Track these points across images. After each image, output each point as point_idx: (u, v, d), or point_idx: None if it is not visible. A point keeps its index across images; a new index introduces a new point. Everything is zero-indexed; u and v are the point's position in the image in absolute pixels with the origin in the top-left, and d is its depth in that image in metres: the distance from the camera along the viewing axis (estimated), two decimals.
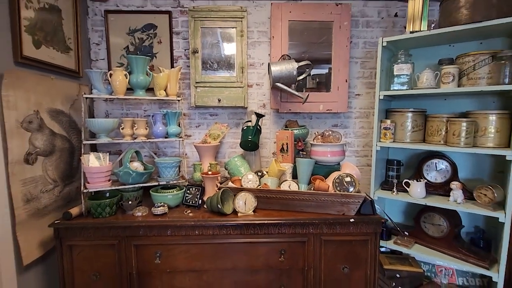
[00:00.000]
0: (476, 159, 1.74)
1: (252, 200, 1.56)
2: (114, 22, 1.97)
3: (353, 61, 2.05)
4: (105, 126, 1.61)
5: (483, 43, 1.63)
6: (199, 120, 2.10)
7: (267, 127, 2.10)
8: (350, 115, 2.11)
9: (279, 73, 1.75)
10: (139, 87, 1.70)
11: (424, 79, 1.61)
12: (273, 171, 1.68)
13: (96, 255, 1.49)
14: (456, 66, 1.53)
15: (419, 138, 1.73)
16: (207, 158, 1.89)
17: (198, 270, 1.52)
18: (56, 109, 1.65)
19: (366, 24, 2.04)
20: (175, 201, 1.65)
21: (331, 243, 1.53)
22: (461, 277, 1.77)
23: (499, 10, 1.35)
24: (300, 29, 1.94)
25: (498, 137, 1.46)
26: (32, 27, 1.47)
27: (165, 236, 1.49)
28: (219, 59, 1.97)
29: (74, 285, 1.49)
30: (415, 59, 1.75)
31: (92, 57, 2.02)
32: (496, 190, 1.45)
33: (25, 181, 1.42)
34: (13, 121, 1.35)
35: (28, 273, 1.45)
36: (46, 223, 1.52)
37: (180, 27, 2.00)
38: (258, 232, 1.50)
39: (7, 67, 1.33)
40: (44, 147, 1.55)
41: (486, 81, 1.47)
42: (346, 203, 1.51)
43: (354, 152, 2.15)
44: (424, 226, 1.73)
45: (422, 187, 1.64)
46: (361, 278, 1.55)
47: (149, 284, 1.52)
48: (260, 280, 1.55)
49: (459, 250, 1.58)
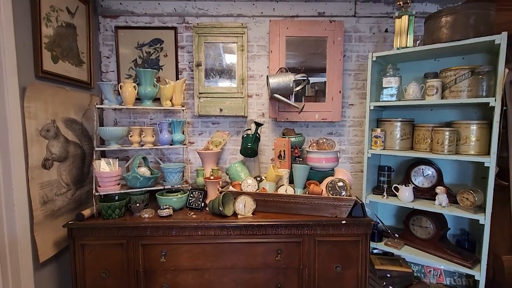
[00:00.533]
0: (459, 166, 1.86)
1: (251, 203, 1.68)
2: (124, 37, 2.12)
3: (347, 73, 2.19)
4: (115, 134, 1.74)
5: (465, 58, 1.76)
6: (201, 128, 2.23)
7: (265, 135, 2.22)
8: (344, 124, 2.24)
9: (277, 85, 1.88)
10: (147, 97, 1.84)
11: (411, 91, 1.74)
12: (271, 176, 1.80)
13: (106, 253, 1.60)
14: (440, 80, 1.66)
15: (407, 146, 1.86)
16: (209, 164, 2.02)
17: (200, 269, 1.63)
18: (70, 118, 1.78)
19: (359, 39, 2.18)
20: (179, 204, 1.77)
21: (324, 244, 1.63)
22: (449, 277, 1.87)
23: (476, 30, 1.48)
24: (298, 41, 2.08)
25: (478, 145, 1.58)
26: (51, 44, 1.61)
27: (170, 236, 1.60)
28: (221, 71, 2.11)
29: (85, 281, 1.60)
30: (403, 72, 1.89)
31: (102, 69, 2.17)
32: (477, 195, 1.56)
33: (42, 184, 1.55)
34: (33, 130, 1.48)
35: (43, 270, 1.57)
36: (59, 224, 1.65)
37: (185, 42, 2.15)
38: (257, 233, 1.61)
39: (29, 80, 1.47)
40: (59, 153, 1.68)
41: (466, 93, 1.59)
42: (338, 206, 1.63)
43: (349, 159, 2.27)
44: (412, 229, 1.84)
45: (410, 191, 1.76)
46: (353, 276, 1.65)
47: (154, 282, 1.63)
48: (258, 279, 1.65)
49: (445, 251, 1.69)
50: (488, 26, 1.48)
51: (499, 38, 1.41)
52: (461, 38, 1.51)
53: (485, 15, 1.48)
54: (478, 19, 1.48)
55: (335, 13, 2.12)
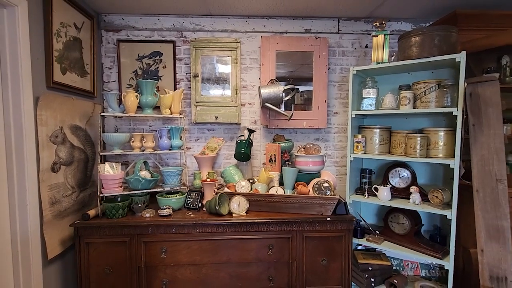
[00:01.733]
0: (431, 168, 2.07)
1: (245, 202, 1.83)
2: (125, 50, 2.27)
3: (331, 84, 2.39)
4: (118, 139, 1.88)
5: (434, 72, 1.99)
6: (198, 135, 2.38)
7: (257, 140, 2.39)
8: (329, 130, 2.43)
9: (268, 95, 2.07)
10: (148, 106, 1.99)
11: (387, 101, 1.95)
12: (263, 178, 1.97)
13: (109, 251, 1.72)
14: (412, 92, 1.87)
15: (385, 150, 2.05)
16: (205, 168, 2.17)
17: (198, 264, 1.77)
18: (75, 125, 1.91)
19: (342, 53, 2.39)
20: (178, 204, 1.91)
21: (311, 239, 1.80)
22: (424, 270, 2.06)
23: (440, 49, 1.71)
24: (287, 55, 2.28)
25: (446, 149, 1.79)
26: (60, 57, 1.76)
27: (170, 234, 1.73)
28: (216, 82, 2.28)
29: (89, 277, 1.71)
30: (380, 84, 2.10)
31: (104, 79, 2.31)
32: (444, 193, 1.76)
33: (51, 186, 1.67)
34: (44, 136, 1.61)
35: (51, 266, 1.68)
36: (65, 224, 1.76)
37: (183, 54, 2.32)
38: (250, 230, 1.77)
39: (41, 91, 1.61)
40: (66, 158, 1.80)
41: (434, 104, 1.81)
42: (324, 205, 1.80)
43: (334, 163, 2.46)
44: (391, 225, 2.02)
45: (388, 191, 1.95)
46: (337, 268, 1.82)
47: (155, 277, 1.76)
48: (251, 272, 1.80)
49: (419, 244, 1.88)
50: (450, 45, 1.71)
51: (459, 56, 1.64)
52: (428, 55, 1.73)
53: (448, 36, 1.71)
54: (442, 39, 1.70)
55: (320, 30, 2.34)
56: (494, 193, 1.61)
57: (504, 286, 1.59)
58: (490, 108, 1.61)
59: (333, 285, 1.82)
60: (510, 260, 1.57)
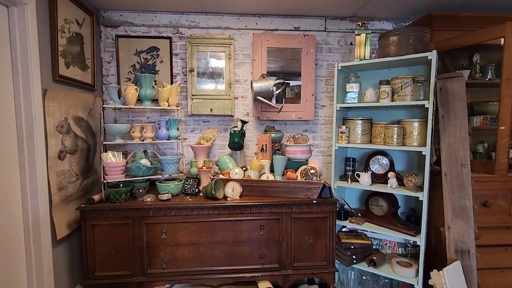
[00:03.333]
0: (407, 155, 2.28)
1: (238, 187, 2.00)
2: (123, 45, 2.38)
3: (319, 79, 2.56)
4: (120, 130, 2.01)
5: (411, 69, 2.17)
6: (194, 126, 2.52)
7: (250, 131, 2.55)
8: (317, 122, 2.61)
9: (259, 89, 2.22)
10: (147, 98, 2.12)
11: (368, 95, 2.13)
12: (255, 165, 2.13)
13: (113, 232, 1.86)
14: (390, 86, 2.06)
15: (367, 140, 2.24)
16: (201, 157, 2.32)
17: (195, 243, 1.93)
18: (78, 116, 2.03)
19: (329, 50, 2.56)
20: (176, 190, 2.06)
21: (299, 220, 1.98)
22: (401, 248, 2.28)
23: (415, 48, 1.89)
24: (277, 51, 2.43)
25: (419, 138, 1.99)
26: (64, 51, 1.87)
27: (170, 216, 1.89)
28: (211, 76, 2.42)
29: (95, 256, 1.86)
30: (363, 79, 2.28)
31: (104, 73, 2.41)
32: (417, 177, 1.97)
33: (58, 173, 1.80)
34: (51, 126, 1.73)
35: (59, 246, 1.82)
36: (71, 208, 1.90)
37: (179, 50, 2.44)
38: (243, 212, 1.93)
39: (48, 83, 1.72)
40: (70, 147, 1.93)
41: (410, 97, 2.00)
42: (310, 189, 1.98)
43: (321, 152, 2.64)
44: (371, 208, 2.23)
45: (368, 177, 2.14)
46: (322, 246, 2.01)
47: (156, 256, 1.91)
48: (244, 251, 1.97)
49: (396, 224, 2.08)
50: (424, 45, 1.90)
51: (430, 54, 1.83)
52: (404, 53, 1.91)
53: (422, 36, 1.89)
54: (416, 39, 1.89)
55: (309, 28, 2.50)
56: (459, 176, 1.82)
57: (467, 258, 1.81)
58: (457, 101, 1.81)
59: (319, 261, 2.02)
60: (472, 235, 1.79)
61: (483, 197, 2.06)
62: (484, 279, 2.08)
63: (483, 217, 2.07)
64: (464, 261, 1.80)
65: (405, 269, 2.03)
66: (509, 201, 2.07)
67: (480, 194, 2.05)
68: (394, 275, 2.04)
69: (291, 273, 1.99)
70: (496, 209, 2.09)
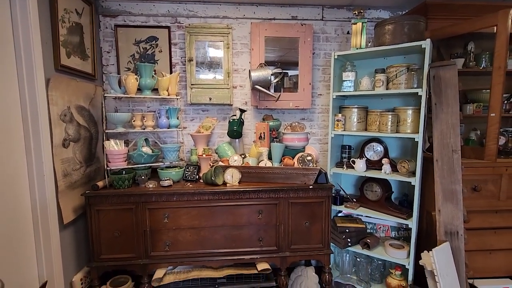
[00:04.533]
0: (401, 143, 2.34)
1: (237, 174, 2.06)
2: (122, 34, 2.41)
3: (316, 68, 2.60)
4: (121, 118, 2.06)
5: (406, 57, 2.21)
6: (193, 115, 2.57)
7: (248, 120, 2.60)
8: (314, 111, 2.66)
9: (257, 78, 2.26)
10: (147, 88, 2.16)
11: (364, 83, 2.18)
12: (253, 153, 2.20)
13: (117, 217, 1.94)
14: (385, 75, 2.10)
15: (362, 128, 2.30)
16: (201, 145, 2.38)
17: (196, 227, 2.01)
18: (80, 105, 2.07)
19: (326, 39, 2.59)
20: (177, 177, 2.13)
21: (296, 205, 2.06)
22: (394, 231, 2.37)
23: (409, 36, 1.93)
24: (275, 40, 2.46)
25: (413, 126, 2.05)
26: (65, 41, 1.90)
27: (172, 201, 1.96)
28: (210, 65, 2.46)
29: (100, 240, 1.93)
30: (359, 68, 2.32)
31: (103, 63, 2.45)
32: (410, 163, 2.04)
33: (63, 160, 1.86)
34: (55, 114, 1.78)
35: (66, 230, 1.89)
36: (76, 194, 1.97)
37: (177, 39, 2.47)
38: (242, 197, 2.00)
39: (51, 73, 1.76)
40: (73, 135, 1.98)
41: (404, 85, 2.05)
42: (307, 175, 2.05)
43: (318, 140, 2.71)
44: (366, 193, 2.30)
45: (363, 163, 2.21)
46: (318, 230, 2.09)
47: (159, 239, 1.99)
48: (243, 234, 2.05)
49: (389, 208, 2.17)
50: (418, 33, 1.94)
51: (424, 43, 1.87)
52: (399, 42, 1.95)
53: (416, 25, 1.93)
54: (411, 28, 1.92)
55: (306, 17, 2.52)
56: (450, 162, 1.89)
57: (456, 239, 1.89)
58: (449, 89, 1.86)
59: (315, 244, 2.10)
60: (461, 217, 1.87)
61: (473, 182, 2.14)
62: (473, 260, 2.18)
63: (473, 201, 2.16)
64: (453, 242, 1.89)
65: (398, 251, 2.12)
66: (499, 186, 2.16)
67: (471, 179, 2.13)
68: (387, 257, 2.14)
69: (288, 255, 2.08)
70: (486, 194, 2.17)
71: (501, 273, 2.28)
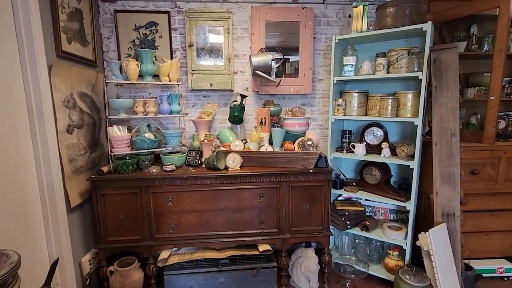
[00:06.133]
0: (401, 127, 2.36)
1: (239, 158, 2.10)
2: (122, 20, 2.39)
3: (317, 52, 2.59)
4: (124, 104, 2.08)
5: (407, 41, 2.20)
6: (194, 101, 2.59)
7: (249, 106, 2.62)
8: (315, 96, 2.67)
9: (258, 63, 2.26)
10: (148, 74, 2.17)
11: (365, 68, 2.18)
12: (254, 138, 2.22)
13: (123, 201, 1.99)
14: (386, 59, 2.10)
15: (362, 112, 2.32)
16: (202, 131, 2.40)
17: (199, 210, 2.06)
18: (82, 92, 2.09)
19: (327, 23, 2.56)
20: (180, 162, 2.17)
21: (296, 188, 2.10)
22: (392, 214, 2.43)
23: (410, 19, 1.91)
24: (276, 25, 2.44)
25: (412, 110, 2.06)
26: (65, 27, 1.90)
27: (175, 186, 2.01)
28: (210, 51, 2.45)
29: (106, 223, 2.00)
30: (361, 52, 2.31)
31: (104, 49, 2.45)
32: (409, 147, 2.06)
33: (68, 146, 1.89)
34: (59, 100, 1.80)
35: (74, 214, 1.96)
36: (82, 179, 2.02)
37: (177, 24, 2.45)
38: (244, 181, 2.05)
39: (53, 59, 1.77)
40: (77, 121, 2.01)
41: (405, 69, 2.05)
42: (307, 159, 2.09)
43: (319, 126, 2.72)
44: (365, 177, 2.34)
45: (363, 147, 2.24)
46: (318, 212, 2.14)
47: (163, 222, 2.05)
48: (245, 217, 2.11)
49: (387, 191, 2.21)
50: (420, 16, 1.92)
51: (426, 26, 1.85)
52: (400, 25, 1.94)
53: (418, 7, 1.91)
54: (412, 10, 1.90)
55: (307, 0, 2.49)
56: (448, 145, 1.91)
57: (453, 220, 1.94)
58: (450, 72, 1.86)
59: (315, 226, 2.16)
60: (457, 199, 1.91)
61: (472, 165, 2.17)
62: (470, 242, 2.24)
63: (471, 184, 2.20)
64: (450, 223, 1.93)
65: (396, 232, 2.18)
66: (497, 169, 2.19)
67: (469, 163, 2.16)
68: (385, 238, 2.20)
69: (289, 237, 2.14)
70: (484, 177, 2.21)
71: (497, 254, 2.34)
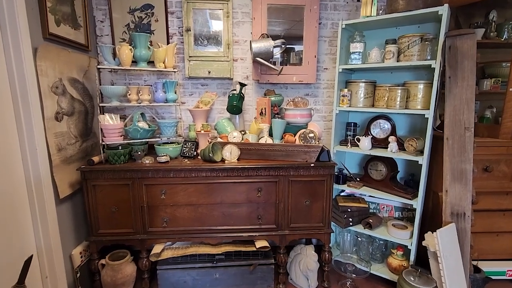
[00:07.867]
0: (411, 120, 2.22)
1: (236, 150, 1.99)
2: (116, 2, 2.26)
3: (322, 39, 2.43)
4: (116, 91, 1.98)
5: (420, 27, 2.04)
6: (192, 90, 2.47)
7: (249, 96, 2.49)
8: (319, 86, 2.53)
9: (259, 50, 2.13)
10: (142, 59, 2.05)
11: (373, 55, 2.03)
12: (253, 129, 2.11)
13: (114, 192, 1.91)
14: (396, 46, 1.94)
15: (369, 104, 2.18)
16: (199, 121, 2.29)
17: (194, 204, 1.97)
18: (73, 77, 1.99)
19: (334, 8, 2.40)
20: (175, 153, 2.07)
21: (296, 183, 1.99)
22: (398, 211, 2.31)
23: (425, 2, 1.75)
24: (279, 9, 2.29)
25: (423, 101, 1.91)
26: (53, 8, 1.78)
27: (169, 178, 1.91)
28: (209, 36, 2.32)
29: (98, 215, 1.92)
30: (369, 39, 2.15)
31: (97, 33, 2.33)
32: (418, 141, 1.93)
33: (56, 134, 1.80)
34: (46, 86, 1.70)
35: (63, 205, 1.88)
36: (72, 169, 1.93)
37: (174, 8, 2.32)
38: (241, 175, 1.94)
39: (38, 42, 1.67)
40: (67, 109, 1.91)
41: (416, 57, 1.89)
42: (308, 152, 1.97)
43: (322, 117, 2.59)
44: (370, 172, 2.22)
45: (368, 141, 2.11)
46: (319, 208, 2.04)
47: (156, 215, 1.97)
48: (242, 212, 2.02)
49: (393, 188, 2.09)
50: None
51: (441, 9, 1.69)
52: (413, 8, 1.78)
53: None
54: None
55: None
56: (461, 140, 1.77)
57: (463, 220, 1.82)
58: (466, 61, 1.70)
59: (315, 222, 2.06)
60: (469, 198, 1.78)
61: (485, 162, 2.03)
62: (480, 243, 2.12)
63: (484, 182, 2.06)
64: (459, 224, 1.81)
65: (400, 231, 2.06)
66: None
67: (482, 159, 2.02)
68: (389, 237, 2.09)
69: (287, 233, 2.04)
70: (498, 174, 2.07)
71: (508, 256, 2.22)
